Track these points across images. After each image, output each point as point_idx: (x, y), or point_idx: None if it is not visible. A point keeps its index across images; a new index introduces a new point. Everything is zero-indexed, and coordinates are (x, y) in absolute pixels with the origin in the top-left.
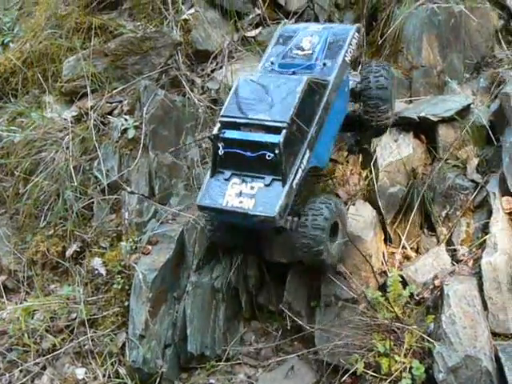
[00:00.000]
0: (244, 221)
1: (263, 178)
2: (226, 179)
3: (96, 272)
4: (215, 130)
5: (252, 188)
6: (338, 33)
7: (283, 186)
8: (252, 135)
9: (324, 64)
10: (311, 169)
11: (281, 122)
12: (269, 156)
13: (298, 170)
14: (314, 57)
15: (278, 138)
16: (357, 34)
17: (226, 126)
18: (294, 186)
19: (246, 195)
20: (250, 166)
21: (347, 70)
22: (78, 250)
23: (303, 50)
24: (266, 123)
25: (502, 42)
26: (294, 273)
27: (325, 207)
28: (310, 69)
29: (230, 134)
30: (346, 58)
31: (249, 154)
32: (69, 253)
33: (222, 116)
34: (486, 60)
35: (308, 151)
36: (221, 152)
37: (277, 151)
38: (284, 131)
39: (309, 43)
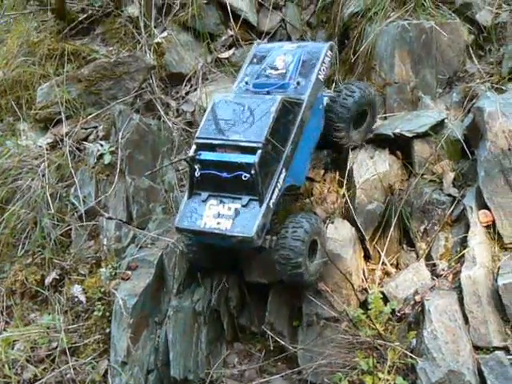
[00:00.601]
0: (222, 242)
1: (240, 198)
2: (203, 201)
3: (76, 299)
4: (191, 152)
5: (229, 209)
6: (311, 51)
7: (260, 206)
8: (228, 156)
9: (298, 83)
10: (288, 188)
11: (256, 142)
12: (245, 176)
13: (274, 189)
14: (288, 76)
15: (253, 159)
16: (330, 51)
17: (202, 147)
18: (271, 206)
19: (224, 216)
20: (226, 186)
21: (321, 87)
22: (57, 277)
23: (277, 69)
24: (241, 144)
25: (473, 57)
26: (274, 293)
27: (305, 221)
28: (283, 88)
29: (206, 155)
30: (320, 76)
31: (225, 174)
32: (48, 281)
33: (198, 137)
34: (458, 75)
35: (284, 170)
36: (197, 174)
37: (252, 171)
38: (259, 151)
39: (282, 62)
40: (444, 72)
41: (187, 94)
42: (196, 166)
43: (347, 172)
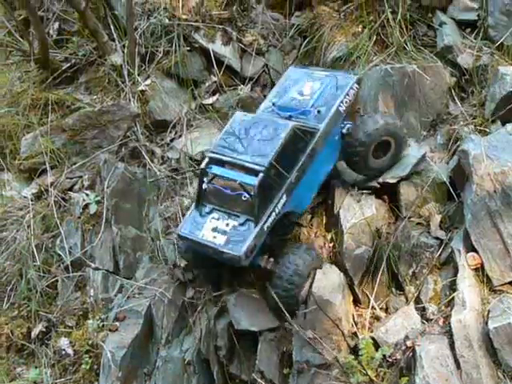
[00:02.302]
0: (215, 255)
1: (238, 216)
2: (206, 213)
3: (63, 352)
4: (203, 165)
5: (227, 225)
6: (339, 81)
7: (255, 227)
8: (233, 174)
9: (318, 111)
10: (287, 213)
11: (260, 165)
12: (245, 197)
13: (271, 213)
14: (311, 103)
15: (254, 180)
16: (356, 85)
17: (213, 161)
18: (265, 229)
19: (220, 231)
20: (228, 203)
21: (340, 119)
22: (44, 330)
23: (303, 94)
24: (247, 164)
25: (456, 99)
26: (264, 341)
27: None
28: (304, 114)
29: (215, 170)
30: (340, 108)
31: (228, 191)
32: (34, 334)
33: (211, 152)
34: (442, 117)
35: (285, 196)
36: (205, 186)
37: (252, 193)
38: (261, 174)
39: (309, 89)
40: (428, 115)
41: (172, 140)
42: (205, 179)
43: (334, 217)
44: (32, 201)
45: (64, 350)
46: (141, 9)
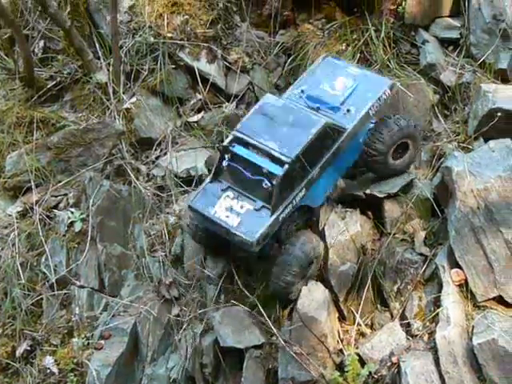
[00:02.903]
0: (225, 235)
1: (255, 201)
2: (222, 189)
3: (48, 371)
4: (226, 141)
5: (242, 207)
6: (372, 83)
7: (270, 216)
8: (257, 158)
9: (348, 110)
10: (303, 207)
11: (286, 156)
12: (266, 184)
13: (288, 204)
14: (341, 100)
15: (279, 170)
16: (389, 90)
17: (237, 141)
18: (280, 219)
19: (234, 212)
20: (246, 185)
21: (368, 122)
22: (29, 348)
23: (334, 89)
24: (273, 153)
25: (439, 116)
26: (250, 358)
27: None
28: (333, 110)
29: (239, 149)
30: (370, 112)
31: (249, 174)
32: (19, 352)
33: (237, 131)
34: (425, 134)
35: (304, 190)
36: (225, 163)
37: (274, 182)
38: (286, 166)
39: (342, 84)
40: None
41: (157, 158)
42: (226, 156)
43: (319, 233)
44: (17, 219)
45: (49, 368)
46: (126, 27)
